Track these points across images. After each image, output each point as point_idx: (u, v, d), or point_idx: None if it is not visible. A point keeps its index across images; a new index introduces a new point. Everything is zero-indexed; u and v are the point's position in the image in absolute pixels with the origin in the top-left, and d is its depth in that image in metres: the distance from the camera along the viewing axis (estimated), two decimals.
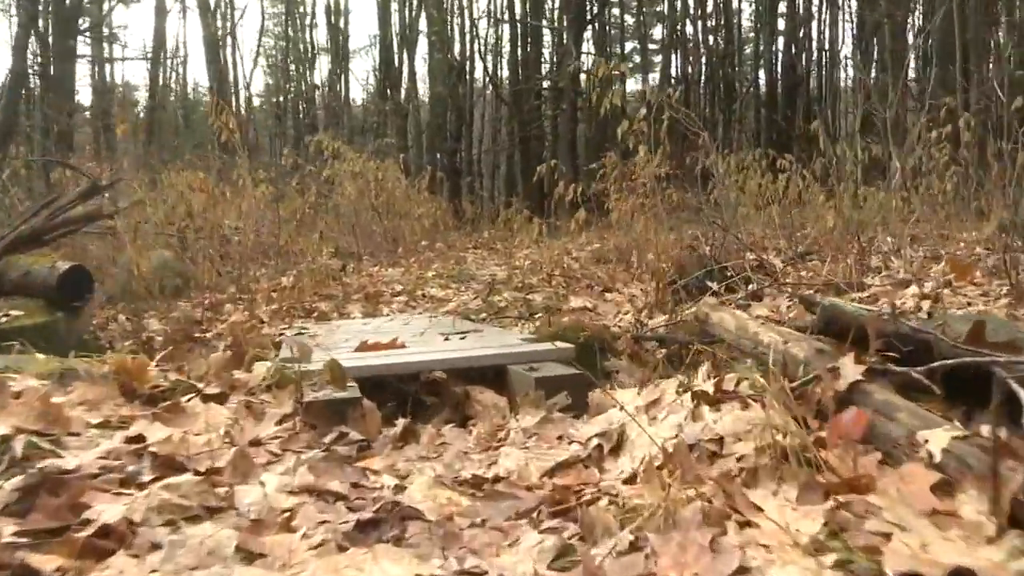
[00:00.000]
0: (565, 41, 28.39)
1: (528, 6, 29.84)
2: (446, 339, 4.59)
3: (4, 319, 6.39)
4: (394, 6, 32.58)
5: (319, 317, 7.06)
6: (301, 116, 35.78)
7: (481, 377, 3.91)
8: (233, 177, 11.94)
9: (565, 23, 28.81)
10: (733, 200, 8.50)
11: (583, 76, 30.37)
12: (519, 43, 30.22)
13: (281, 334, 6.02)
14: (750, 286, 6.46)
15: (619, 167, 9.15)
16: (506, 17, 30.85)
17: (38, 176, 14.49)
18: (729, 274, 6.95)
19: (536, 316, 6.63)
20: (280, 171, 12.69)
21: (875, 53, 28.19)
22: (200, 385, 3.12)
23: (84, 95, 36.27)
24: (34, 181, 15.21)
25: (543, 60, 31.86)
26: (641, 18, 40.31)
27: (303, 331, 5.47)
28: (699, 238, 7.64)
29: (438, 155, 24.07)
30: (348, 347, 4.40)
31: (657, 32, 42.58)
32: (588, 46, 32.34)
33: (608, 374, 5.32)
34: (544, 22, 30.67)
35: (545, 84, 30.27)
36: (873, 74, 28.19)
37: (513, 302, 7.17)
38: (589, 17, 29.83)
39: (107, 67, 38.03)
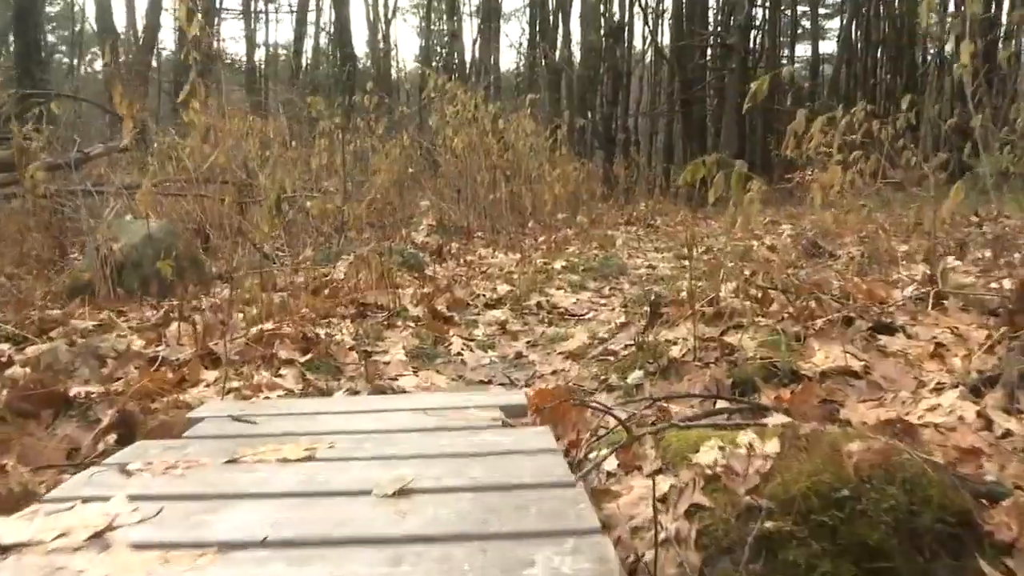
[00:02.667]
0: None
1: None
2: None
3: None
4: None
5: (315, 356, 3.48)
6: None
7: None
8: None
9: None
10: None
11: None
12: None
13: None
14: None
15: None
16: None
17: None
18: None
19: (754, 401, 2.88)
20: (355, 116, 9.16)
21: None
22: None
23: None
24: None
25: (708, 18, 27.38)
26: None
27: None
28: None
29: (589, 115, 20.11)
30: None
31: None
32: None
33: None
34: None
35: (711, 42, 25.87)
36: None
37: (697, 348, 3.38)
38: None
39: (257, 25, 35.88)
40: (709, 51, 26.10)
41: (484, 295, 5.35)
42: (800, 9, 34.28)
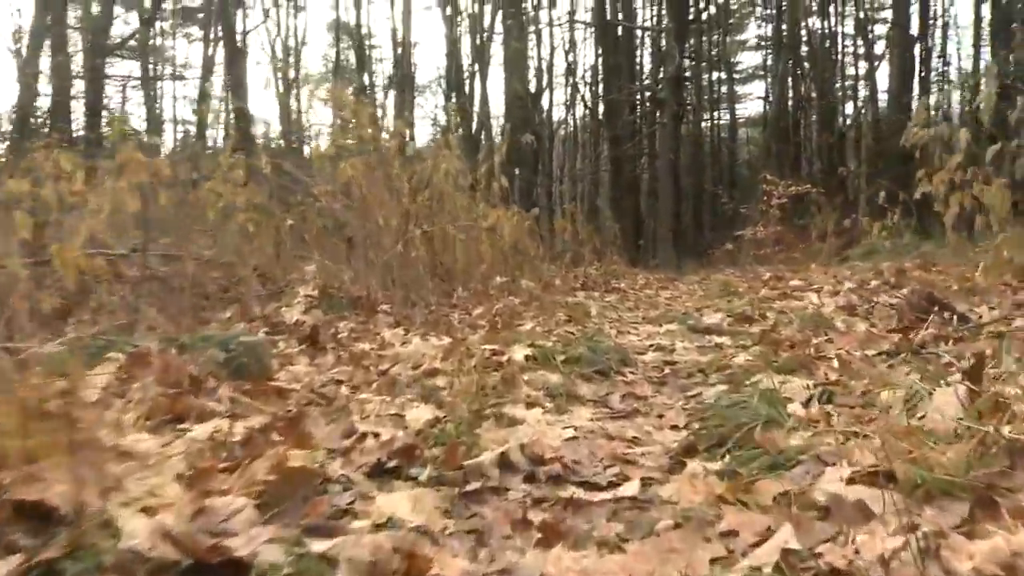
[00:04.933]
0: (664, 45, 21.80)
1: (619, 6, 22.96)
2: None
3: None
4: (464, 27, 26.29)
5: None
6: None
7: None
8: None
9: (665, 23, 22.18)
10: None
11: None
12: (609, 49, 23.41)
13: None
14: None
15: None
16: (591, 19, 24.10)
17: None
18: None
19: None
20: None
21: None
22: None
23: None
24: None
25: (634, 73, 25.05)
26: (725, 46, 32.95)
27: None
28: None
29: (516, 171, 17.36)
30: None
31: (745, 59, 35.69)
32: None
33: None
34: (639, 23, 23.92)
35: (640, 96, 23.49)
36: None
37: None
38: (692, 17, 22.95)
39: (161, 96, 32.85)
40: (638, 107, 23.74)
41: (375, 434, 2.31)
42: (716, 75, 32.24)
